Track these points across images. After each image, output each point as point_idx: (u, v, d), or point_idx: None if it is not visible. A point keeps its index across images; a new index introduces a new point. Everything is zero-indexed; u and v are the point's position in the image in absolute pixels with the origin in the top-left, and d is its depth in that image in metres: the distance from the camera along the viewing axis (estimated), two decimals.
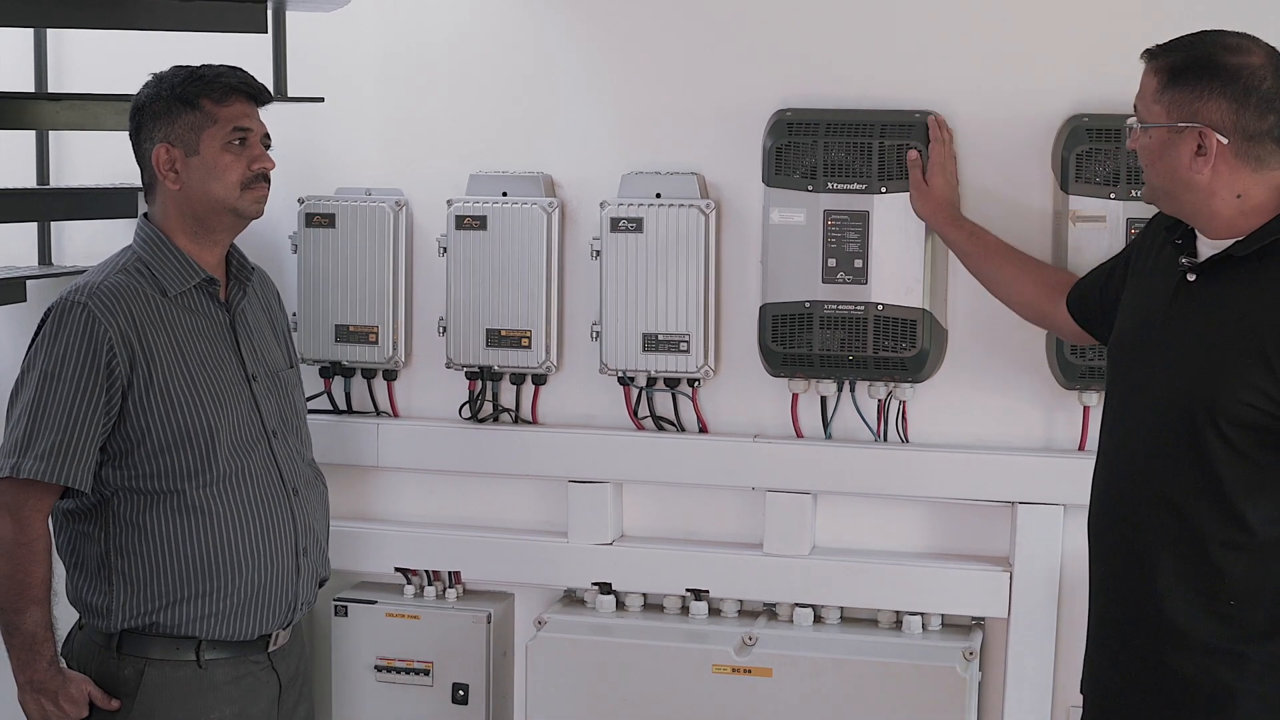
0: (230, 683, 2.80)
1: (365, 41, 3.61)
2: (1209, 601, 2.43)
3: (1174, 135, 2.43)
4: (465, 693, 3.53)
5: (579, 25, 3.53)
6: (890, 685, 3.24)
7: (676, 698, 3.33)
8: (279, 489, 2.84)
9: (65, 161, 3.82)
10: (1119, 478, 2.57)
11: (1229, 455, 2.40)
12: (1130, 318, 2.63)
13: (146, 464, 2.73)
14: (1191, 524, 2.44)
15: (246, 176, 2.80)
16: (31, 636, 2.69)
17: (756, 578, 3.43)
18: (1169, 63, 2.45)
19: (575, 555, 3.51)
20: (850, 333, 3.27)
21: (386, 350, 3.57)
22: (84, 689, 2.73)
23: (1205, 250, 2.50)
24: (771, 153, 3.29)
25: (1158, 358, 2.51)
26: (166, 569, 2.74)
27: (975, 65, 3.30)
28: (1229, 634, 2.43)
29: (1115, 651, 2.58)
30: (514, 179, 3.51)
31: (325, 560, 2.99)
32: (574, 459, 3.50)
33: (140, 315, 2.73)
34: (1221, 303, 2.45)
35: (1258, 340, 2.38)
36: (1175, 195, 2.49)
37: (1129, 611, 2.54)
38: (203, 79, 2.80)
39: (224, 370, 2.81)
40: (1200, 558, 2.44)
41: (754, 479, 3.43)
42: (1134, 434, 2.54)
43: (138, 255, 2.81)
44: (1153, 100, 2.46)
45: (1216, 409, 2.39)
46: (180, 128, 2.78)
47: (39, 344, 2.73)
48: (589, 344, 3.49)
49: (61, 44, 3.79)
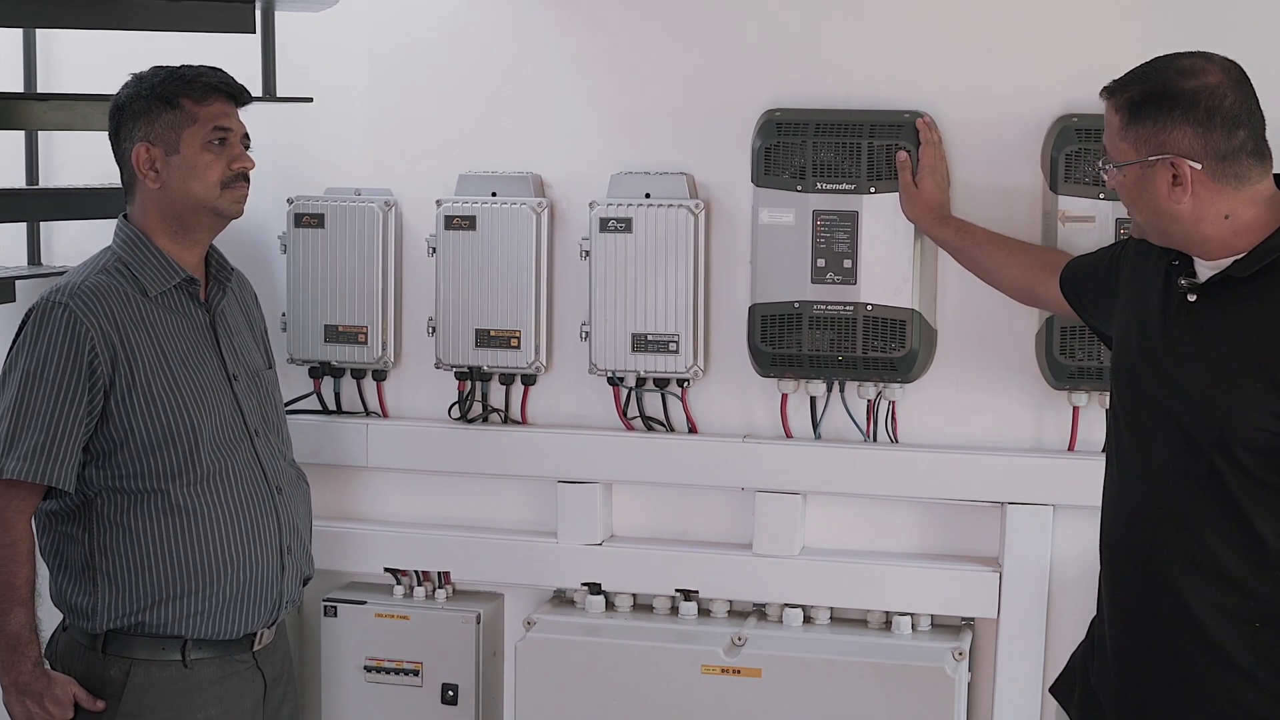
0: (216, 682, 2.80)
1: (354, 41, 3.61)
2: (1242, 625, 2.40)
3: (1147, 170, 2.40)
4: (455, 693, 3.53)
5: (568, 25, 3.53)
6: (880, 685, 3.24)
7: (666, 698, 3.33)
8: (263, 488, 2.84)
9: (54, 161, 3.82)
10: (1134, 503, 2.52)
11: (1243, 479, 2.36)
12: (1131, 339, 2.57)
13: (130, 464, 2.73)
14: (1212, 549, 2.40)
15: (226, 176, 2.80)
16: (15, 638, 2.69)
17: (746, 578, 3.42)
18: (1127, 98, 2.41)
19: (565, 556, 3.51)
20: (839, 333, 3.27)
21: (375, 350, 3.57)
22: (69, 690, 2.73)
23: (1204, 271, 2.46)
24: (760, 153, 3.29)
25: (1163, 382, 2.47)
26: (151, 569, 2.73)
27: (964, 65, 3.30)
28: (1260, 657, 2.40)
29: (1145, 670, 2.52)
30: (503, 179, 3.51)
31: (309, 558, 2.99)
32: (563, 459, 3.50)
33: (121, 315, 2.73)
34: (1225, 324, 2.41)
35: (1264, 362, 2.35)
36: (1163, 228, 2.45)
37: (1160, 635, 2.49)
38: (183, 78, 2.80)
39: (205, 370, 2.81)
40: (1225, 582, 2.40)
41: (743, 479, 3.43)
42: (1145, 460, 2.50)
43: (118, 255, 2.81)
44: (1119, 139, 2.43)
45: (1228, 434, 2.36)
46: (160, 127, 2.78)
47: (20, 344, 2.73)
48: (578, 344, 3.49)
49: (50, 44, 3.78)
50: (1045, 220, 3.22)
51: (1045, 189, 3.21)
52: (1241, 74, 2.41)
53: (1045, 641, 3.29)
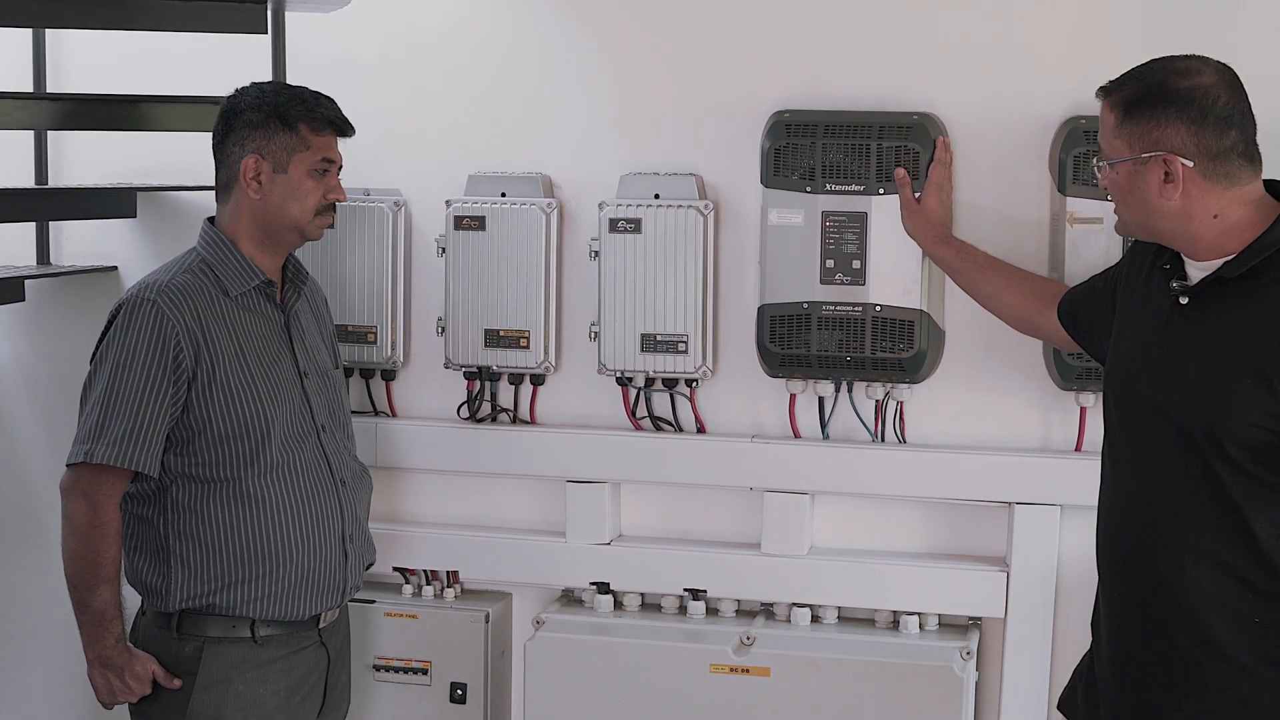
0: (284, 658, 2.94)
1: (364, 42, 3.62)
2: (1240, 620, 2.41)
3: (1139, 167, 2.44)
4: (463, 692, 3.53)
5: (578, 26, 3.54)
6: (888, 685, 3.25)
7: (674, 697, 3.34)
8: (328, 480, 2.96)
9: (62, 161, 3.83)
10: (1129, 504, 2.54)
11: (1238, 477, 2.38)
12: (1125, 344, 2.61)
13: (205, 453, 2.86)
14: (1208, 546, 2.42)
15: (321, 204, 2.95)
16: (101, 614, 2.82)
17: (754, 577, 3.44)
18: (1123, 96, 2.45)
19: (573, 555, 3.52)
20: (848, 333, 3.29)
21: (385, 350, 3.58)
22: (149, 668, 2.87)
23: (1195, 272, 2.49)
24: (770, 154, 3.30)
25: (1158, 384, 2.49)
26: (222, 553, 2.87)
27: (973, 67, 3.31)
28: (1259, 652, 2.41)
29: (1142, 668, 2.53)
30: (512, 179, 3.51)
31: (371, 546, 3.12)
32: (572, 459, 3.51)
33: (204, 312, 2.87)
34: (1217, 325, 2.43)
35: (1257, 361, 2.37)
36: (1151, 226, 2.48)
37: (1158, 632, 2.50)
38: (305, 103, 2.94)
39: (279, 366, 2.94)
40: (1222, 578, 2.42)
41: (752, 479, 3.44)
42: (1139, 462, 2.52)
43: (201, 257, 2.95)
44: (1113, 136, 2.46)
45: (1221, 432, 2.38)
46: (275, 145, 2.91)
47: (110, 338, 2.86)
48: (587, 344, 3.50)
49: (60, 44, 3.79)
50: (1053, 222, 3.23)
51: (1053, 191, 3.22)
52: (1235, 77, 2.45)
53: (1052, 641, 3.30)
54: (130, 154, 3.75)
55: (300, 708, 2.97)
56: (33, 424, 3.91)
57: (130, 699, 2.88)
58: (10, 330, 3.88)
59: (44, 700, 3.94)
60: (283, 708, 2.93)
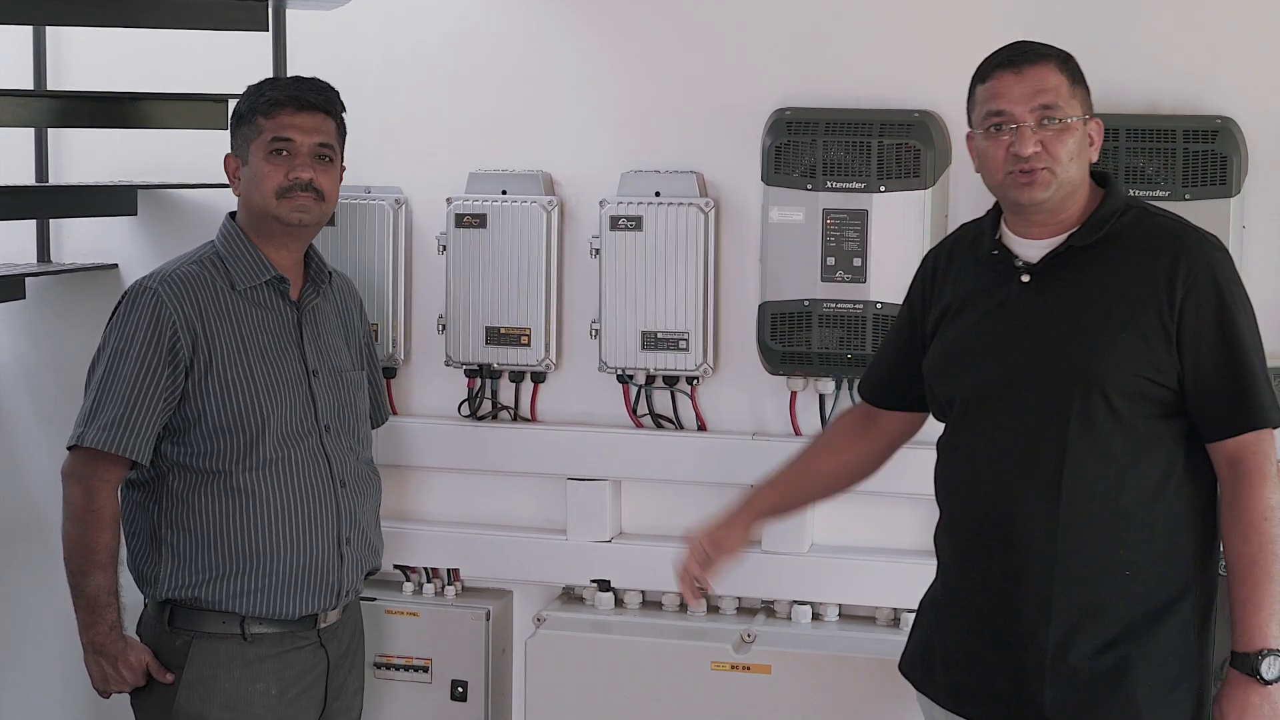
0: (275, 656, 2.90)
1: (365, 39, 3.62)
2: (1112, 575, 2.45)
3: (1083, 128, 2.53)
4: (464, 690, 3.54)
5: (578, 23, 3.54)
6: (888, 682, 3.23)
7: (675, 695, 3.34)
8: (325, 480, 2.92)
9: (63, 159, 3.83)
10: (987, 482, 2.53)
11: (1117, 428, 2.44)
12: (957, 331, 2.61)
13: (200, 444, 2.85)
14: (1082, 505, 2.45)
15: (282, 185, 2.87)
16: (94, 600, 2.81)
17: (755, 575, 3.41)
18: (1069, 63, 2.56)
19: (574, 553, 3.52)
20: (849, 331, 3.29)
21: (386, 348, 3.58)
22: (143, 659, 2.85)
23: (1033, 252, 2.54)
24: (771, 151, 3.30)
25: (1018, 359, 2.51)
26: (211, 544, 2.85)
27: (972, 64, 3.29)
28: (1129, 606, 2.45)
29: (995, 638, 2.55)
30: (513, 177, 3.52)
31: (374, 552, 3.06)
32: (573, 457, 3.51)
33: (206, 304, 2.86)
34: (1076, 290, 2.49)
35: (1132, 317, 2.44)
36: (1073, 189, 2.53)
37: (1025, 596, 2.50)
38: (259, 91, 2.93)
39: (283, 363, 2.91)
40: (1096, 533, 2.45)
41: (752, 476, 3.38)
42: (995, 438, 2.52)
43: (215, 249, 2.95)
44: (1070, 95, 2.53)
45: (1101, 385, 2.44)
46: (239, 140, 2.94)
47: (112, 324, 2.87)
48: (588, 342, 3.50)
49: (61, 41, 3.79)
50: None
51: None
52: None
53: None
54: (131, 152, 3.76)
55: (292, 707, 2.91)
56: (33, 422, 3.91)
57: (124, 688, 2.86)
58: (11, 328, 3.88)
59: (44, 693, 3.94)
60: (273, 707, 2.88)
